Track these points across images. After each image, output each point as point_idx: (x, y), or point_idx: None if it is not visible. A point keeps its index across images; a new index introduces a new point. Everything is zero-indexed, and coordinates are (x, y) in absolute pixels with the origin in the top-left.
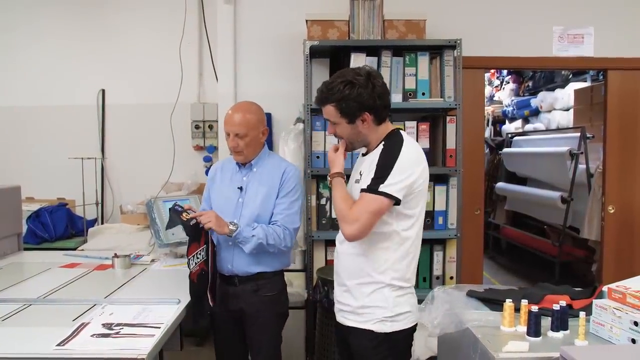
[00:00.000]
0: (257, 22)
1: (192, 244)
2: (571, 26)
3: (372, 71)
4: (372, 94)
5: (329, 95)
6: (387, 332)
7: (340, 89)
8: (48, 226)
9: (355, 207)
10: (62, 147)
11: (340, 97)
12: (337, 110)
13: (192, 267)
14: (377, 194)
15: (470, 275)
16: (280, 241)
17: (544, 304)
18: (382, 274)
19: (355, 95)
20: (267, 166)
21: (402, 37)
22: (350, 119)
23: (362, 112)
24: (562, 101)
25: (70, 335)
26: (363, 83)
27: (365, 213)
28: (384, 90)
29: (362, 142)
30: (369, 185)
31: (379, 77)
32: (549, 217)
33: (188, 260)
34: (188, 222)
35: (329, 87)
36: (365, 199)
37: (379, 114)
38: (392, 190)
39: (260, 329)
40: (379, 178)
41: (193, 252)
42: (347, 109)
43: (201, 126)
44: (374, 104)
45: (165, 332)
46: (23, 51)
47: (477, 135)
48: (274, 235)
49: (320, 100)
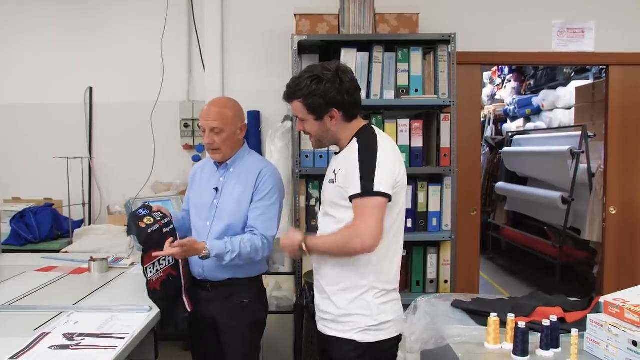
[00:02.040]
0: (246, 17)
1: (149, 251)
2: (571, 20)
3: (342, 66)
4: (340, 90)
5: (296, 90)
6: (371, 342)
7: (307, 84)
8: (32, 227)
9: (359, 218)
10: (50, 146)
11: (307, 93)
12: (304, 106)
13: (151, 275)
14: (373, 195)
15: (466, 278)
16: (258, 252)
17: (534, 316)
18: (364, 276)
19: (322, 91)
20: (244, 166)
21: (394, 32)
22: (318, 115)
23: (329, 109)
24: (564, 99)
25: (26, 347)
26: (331, 78)
27: (372, 217)
28: (353, 86)
29: (331, 139)
30: (362, 188)
31: (348, 73)
32: (549, 217)
33: (144, 269)
34: (145, 229)
35: (296, 82)
36: (364, 204)
37: (347, 111)
38: (385, 188)
39: (233, 338)
40: (367, 178)
41: (152, 259)
42: (314, 105)
43: (190, 124)
44: (342, 100)
45: (131, 342)
46: (9, 49)
47: (474, 134)
48: (250, 246)
49: (287, 96)
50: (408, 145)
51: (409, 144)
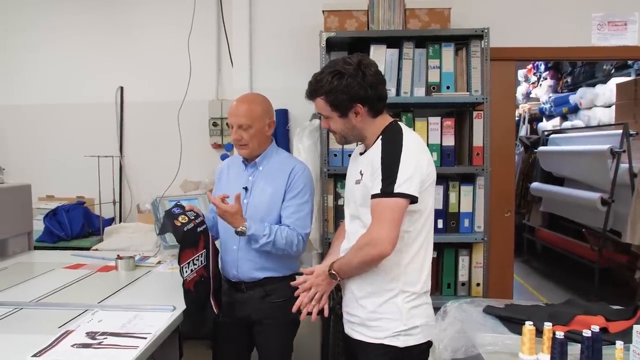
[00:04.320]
0: (274, 14)
1: (185, 249)
2: (612, 13)
3: (364, 59)
4: (363, 84)
5: (318, 87)
6: (401, 348)
7: (329, 80)
8: (65, 225)
9: (373, 222)
10: (81, 145)
11: (328, 89)
12: (327, 103)
13: (186, 274)
14: (393, 196)
15: (499, 282)
16: (292, 247)
17: (573, 325)
18: (394, 279)
19: (344, 86)
20: (273, 164)
21: (425, 27)
22: (342, 111)
23: (353, 104)
24: (604, 97)
25: (49, 345)
26: (352, 72)
27: (387, 220)
28: (377, 80)
29: (356, 136)
30: (382, 189)
31: (371, 66)
32: (587, 219)
33: (181, 268)
34: (181, 227)
35: (318, 78)
36: (382, 205)
37: (372, 106)
38: (406, 188)
39: (269, 337)
40: (388, 178)
41: (188, 258)
42: (337, 102)
43: (219, 123)
44: (365, 95)
45: (153, 342)
46: (41, 50)
47: (508, 132)
48: (285, 237)
49: (309, 94)
50: (439, 143)
51: (440, 143)
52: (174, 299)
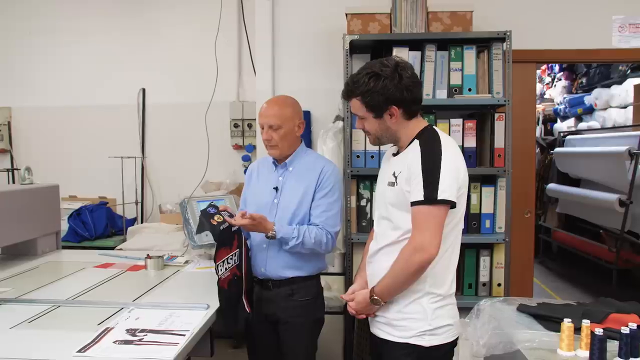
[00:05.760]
0: (296, 17)
1: (221, 248)
2: (633, 15)
3: (401, 62)
4: (399, 86)
5: (354, 88)
6: (426, 347)
7: (365, 81)
8: (88, 225)
9: (416, 229)
10: (104, 146)
11: (365, 90)
12: (362, 104)
13: (221, 273)
14: (436, 203)
15: (519, 282)
16: (321, 245)
17: (607, 323)
18: (420, 281)
19: (380, 88)
20: (303, 164)
21: (447, 30)
22: (377, 113)
23: (389, 106)
24: (619, 98)
25: (92, 341)
26: (389, 75)
27: (430, 227)
28: (413, 82)
29: (390, 138)
30: (425, 195)
31: (408, 69)
32: (605, 220)
33: (216, 266)
34: (217, 226)
35: (355, 79)
36: (426, 212)
37: (408, 108)
38: (448, 195)
39: (294, 335)
40: (430, 184)
41: (223, 257)
42: (373, 103)
43: (240, 125)
44: (401, 97)
45: (191, 339)
46: (65, 52)
47: (528, 134)
48: (314, 237)
49: (346, 94)
50: (461, 145)
51: (462, 144)
52: (206, 297)
